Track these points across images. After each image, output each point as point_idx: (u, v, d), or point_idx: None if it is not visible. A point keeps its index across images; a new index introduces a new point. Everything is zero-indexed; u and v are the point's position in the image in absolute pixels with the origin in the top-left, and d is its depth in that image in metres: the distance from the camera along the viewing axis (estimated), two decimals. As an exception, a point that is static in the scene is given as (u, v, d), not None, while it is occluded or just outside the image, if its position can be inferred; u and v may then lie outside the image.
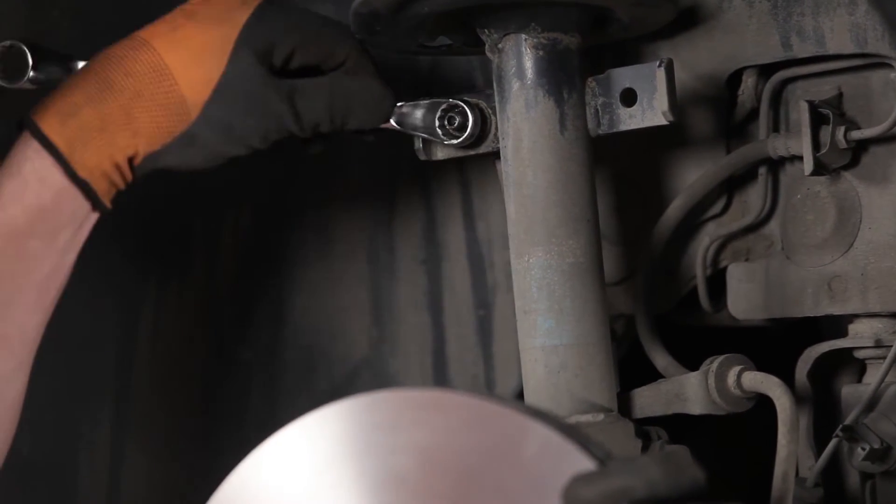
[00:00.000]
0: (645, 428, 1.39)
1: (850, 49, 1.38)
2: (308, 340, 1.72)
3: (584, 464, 0.96)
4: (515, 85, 1.35)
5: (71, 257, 1.30)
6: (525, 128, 1.35)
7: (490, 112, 1.41)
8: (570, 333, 1.33)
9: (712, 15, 1.43)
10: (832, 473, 1.47)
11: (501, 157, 1.38)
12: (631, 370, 1.49)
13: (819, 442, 1.46)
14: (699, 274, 1.53)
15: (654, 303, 1.54)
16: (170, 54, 1.30)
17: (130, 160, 1.30)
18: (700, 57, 1.45)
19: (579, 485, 0.92)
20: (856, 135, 1.40)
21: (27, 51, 1.38)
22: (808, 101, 1.39)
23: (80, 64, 1.37)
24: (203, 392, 1.72)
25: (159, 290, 1.71)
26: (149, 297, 1.69)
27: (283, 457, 1.03)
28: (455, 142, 1.41)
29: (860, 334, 1.45)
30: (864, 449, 1.40)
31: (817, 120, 1.39)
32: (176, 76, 1.29)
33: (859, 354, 1.46)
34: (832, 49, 1.39)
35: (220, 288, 1.72)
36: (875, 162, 1.43)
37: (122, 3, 1.61)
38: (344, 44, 1.36)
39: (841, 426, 1.41)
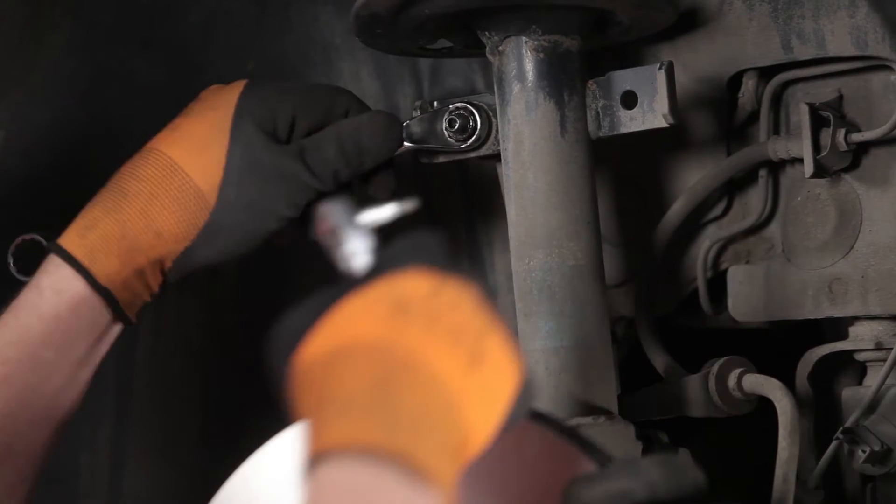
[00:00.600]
0: (646, 430, 1.39)
1: (850, 51, 1.38)
2: (309, 342, 1.71)
3: (585, 466, 0.96)
4: (516, 87, 1.35)
5: (87, 372, 1.26)
6: (526, 130, 1.35)
7: (492, 114, 1.41)
8: (571, 336, 1.33)
9: (713, 17, 1.43)
10: (833, 476, 1.47)
11: (502, 160, 1.38)
12: (632, 372, 1.49)
13: (819, 444, 1.46)
14: (700, 276, 1.53)
15: (654, 305, 1.54)
16: (175, 151, 1.28)
17: (160, 266, 1.28)
18: (700, 59, 1.45)
19: (580, 487, 0.92)
20: (856, 137, 1.40)
21: (44, 241, 1.37)
22: (808, 104, 1.40)
23: None
24: (204, 393, 1.72)
25: (159, 291, 1.70)
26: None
27: (284, 459, 1.03)
28: (464, 146, 1.41)
29: (860, 337, 1.45)
30: (864, 451, 1.40)
31: (818, 122, 1.40)
32: (186, 169, 1.27)
33: (860, 357, 1.46)
34: (832, 51, 1.39)
35: (221, 288, 1.71)
36: (875, 164, 1.43)
37: (123, 4, 1.61)
38: (341, 95, 1.35)
39: (841, 429, 1.41)
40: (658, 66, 1.35)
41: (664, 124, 1.35)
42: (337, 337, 0.92)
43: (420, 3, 1.31)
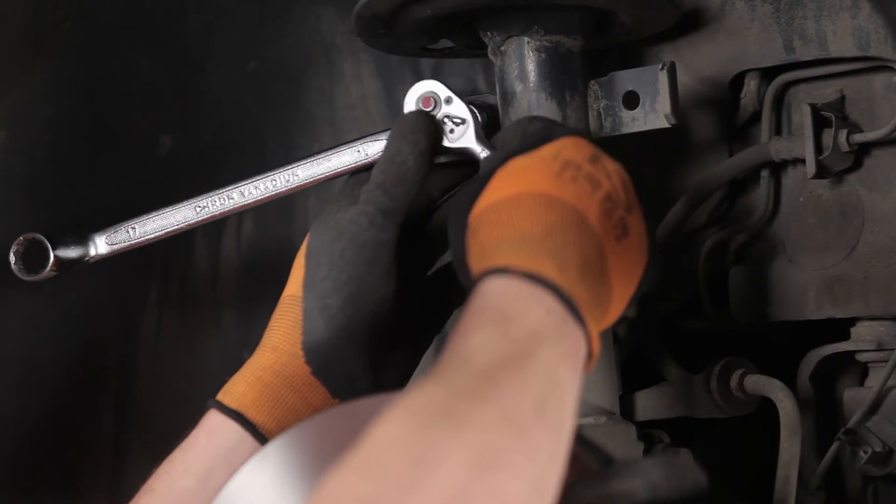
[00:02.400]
0: (647, 431, 1.39)
1: (852, 52, 1.38)
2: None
3: (587, 467, 0.96)
4: (518, 88, 1.35)
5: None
6: (527, 130, 1.35)
7: (494, 114, 1.40)
8: (573, 336, 1.33)
9: (715, 18, 1.43)
10: (834, 477, 1.47)
11: (504, 160, 1.38)
12: (633, 373, 1.49)
13: (821, 445, 1.46)
14: (701, 277, 1.52)
15: (656, 306, 1.54)
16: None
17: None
18: (702, 60, 1.45)
19: (581, 488, 0.92)
20: (858, 138, 1.40)
21: (46, 241, 1.37)
22: (810, 105, 1.40)
23: (100, 238, 1.37)
24: (204, 393, 1.71)
25: (160, 291, 1.71)
26: (150, 298, 1.69)
27: (283, 460, 1.03)
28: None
29: (862, 338, 1.45)
30: (866, 452, 1.40)
31: (819, 123, 1.40)
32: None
33: (861, 358, 1.46)
34: (835, 52, 1.39)
35: (222, 289, 1.72)
36: (877, 165, 1.43)
37: (125, 5, 1.61)
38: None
39: (843, 429, 1.41)
40: (660, 66, 1.34)
41: (666, 125, 1.35)
42: (508, 188, 1.02)
43: (422, 3, 1.31)
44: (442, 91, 1.30)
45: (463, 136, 1.30)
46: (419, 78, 1.64)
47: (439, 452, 0.81)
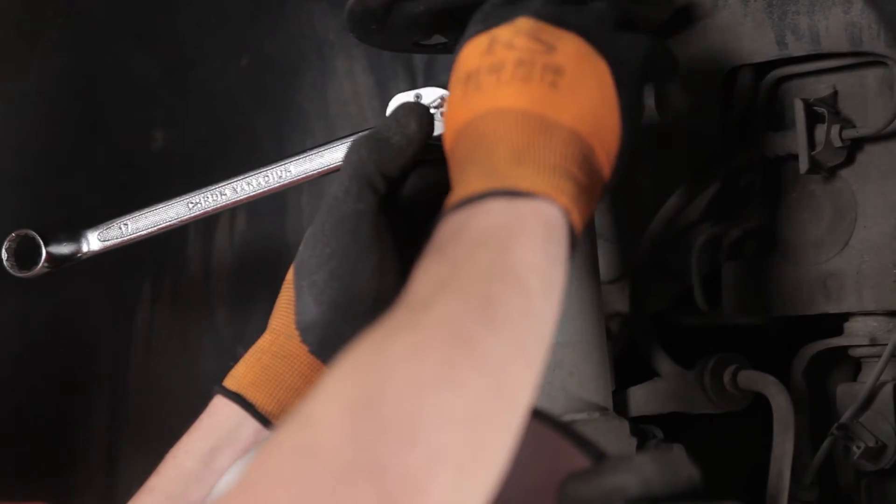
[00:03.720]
0: (640, 426, 1.39)
1: (845, 48, 1.38)
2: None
3: (579, 462, 0.96)
4: (511, 83, 1.35)
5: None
6: (520, 126, 1.35)
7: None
8: (566, 332, 1.33)
9: (707, 14, 1.43)
10: (827, 472, 1.47)
11: (497, 156, 1.37)
12: (626, 369, 1.49)
13: (814, 440, 1.46)
14: (694, 272, 1.52)
15: (649, 301, 1.54)
16: None
17: None
18: (695, 55, 1.45)
19: (574, 483, 0.92)
20: (851, 133, 1.40)
21: (38, 237, 1.36)
22: (803, 100, 1.39)
23: (92, 234, 1.37)
24: (199, 392, 1.71)
25: (154, 289, 1.70)
26: (143, 295, 1.69)
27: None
28: None
29: (855, 333, 1.45)
30: (859, 447, 1.40)
31: (812, 118, 1.39)
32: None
33: (854, 353, 1.46)
34: (827, 48, 1.39)
35: (215, 285, 1.71)
36: (870, 160, 1.42)
37: (117, 1, 1.61)
38: None
39: (836, 425, 1.41)
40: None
41: (658, 120, 1.35)
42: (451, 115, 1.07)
43: (414, -1, 1.31)
44: (408, 95, 1.32)
45: None
46: (411, 74, 1.64)
47: (379, 377, 0.82)
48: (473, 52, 1.08)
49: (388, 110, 1.33)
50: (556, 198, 0.97)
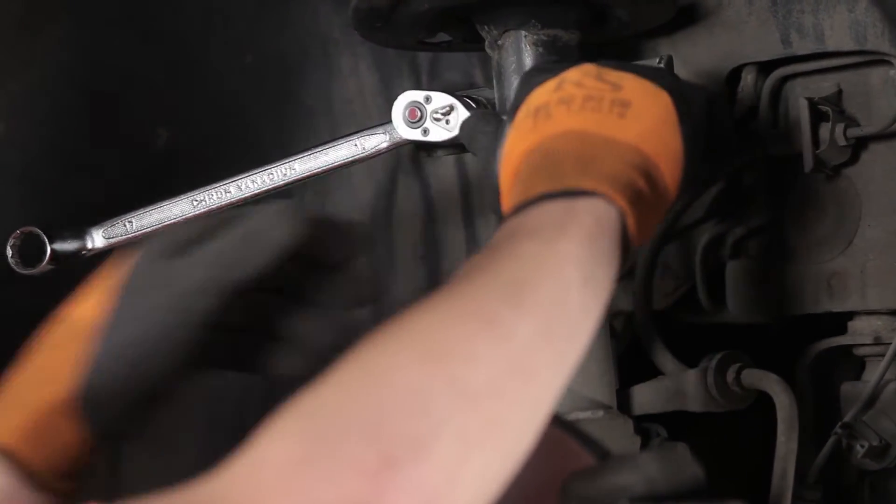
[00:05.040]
0: (644, 425, 1.39)
1: (849, 46, 1.38)
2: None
3: (584, 461, 0.96)
4: (515, 81, 1.34)
5: None
6: (525, 124, 1.35)
7: (491, 108, 1.40)
8: (570, 330, 1.33)
9: (712, 12, 1.43)
10: (831, 471, 1.47)
11: (501, 154, 1.37)
12: (630, 367, 1.49)
13: (818, 439, 1.46)
14: (698, 271, 1.52)
15: (653, 300, 1.54)
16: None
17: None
18: (700, 54, 1.45)
19: (578, 482, 0.92)
20: (855, 132, 1.40)
21: (42, 235, 1.36)
22: (807, 99, 1.39)
23: (97, 231, 1.37)
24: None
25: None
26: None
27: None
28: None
29: (859, 331, 1.45)
30: (862, 446, 1.40)
31: (817, 117, 1.39)
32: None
33: (858, 352, 1.46)
34: (832, 46, 1.39)
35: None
36: (874, 159, 1.42)
37: (120, -1, 1.61)
38: None
39: (840, 423, 1.41)
40: (657, 60, 1.35)
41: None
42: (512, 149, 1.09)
43: (419, -3, 1.31)
44: (418, 94, 1.32)
45: (460, 119, 1.32)
46: (416, 72, 1.64)
47: (398, 349, 0.84)
48: (543, 91, 1.12)
49: (395, 109, 1.34)
50: (613, 197, 0.99)
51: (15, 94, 1.54)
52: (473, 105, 1.37)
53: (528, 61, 1.34)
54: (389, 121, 1.37)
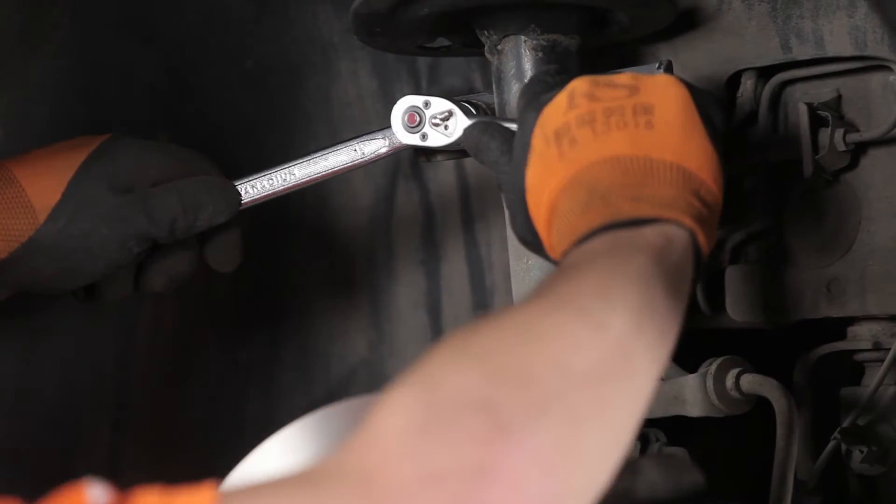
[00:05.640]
0: (643, 430, 1.39)
1: (849, 52, 1.38)
2: (306, 341, 1.72)
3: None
4: (515, 86, 1.35)
5: None
6: (524, 129, 1.35)
7: (490, 113, 1.40)
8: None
9: (712, 17, 1.43)
10: (830, 476, 1.47)
11: (501, 159, 1.37)
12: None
13: (817, 444, 1.46)
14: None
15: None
16: (19, 167, 1.32)
17: None
18: (699, 59, 1.45)
19: (579, 487, 0.92)
20: (855, 137, 1.40)
21: None
22: (807, 104, 1.39)
23: None
24: (201, 392, 1.71)
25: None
26: (147, 297, 1.69)
27: (280, 458, 1.02)
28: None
29: (859, 337, 1.45)
30: (862, 451, 1.40)
31: (816, 122, 1.40)
32: (23, 184, 1.31)
33: (858, 357, 1.46)
34: (831, 51, 1.39)
35: (219, 288, 1.71)
36: (874, 164, 1.42)
37: (122, 2, 1.61)
38: (197, 159, 1.40)
39: (839, 428, 1.41)
40: (657, 65, 1.35)
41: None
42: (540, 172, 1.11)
43: (419, 2, 1.31)
44: (416, 99, 1.32)
45: (458, 125, 1.32)
46: (416, 77, 1.64)
47: (495, 333, 0.88)
48: (556, 111, 1.11)
49: (394, 114, 1.34)
50: (680, 220, 1.01)
51: (15, 98, 1.54)
52: (473, 110, 1.37)
53: (528, 66, 1.34)
54: (389, 126, 1.37)
